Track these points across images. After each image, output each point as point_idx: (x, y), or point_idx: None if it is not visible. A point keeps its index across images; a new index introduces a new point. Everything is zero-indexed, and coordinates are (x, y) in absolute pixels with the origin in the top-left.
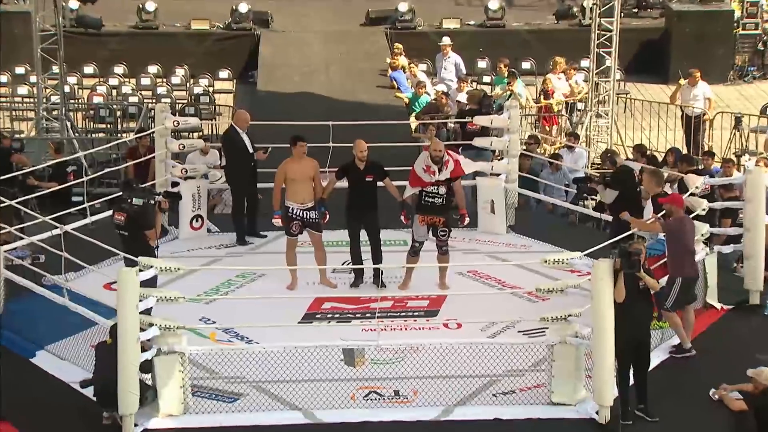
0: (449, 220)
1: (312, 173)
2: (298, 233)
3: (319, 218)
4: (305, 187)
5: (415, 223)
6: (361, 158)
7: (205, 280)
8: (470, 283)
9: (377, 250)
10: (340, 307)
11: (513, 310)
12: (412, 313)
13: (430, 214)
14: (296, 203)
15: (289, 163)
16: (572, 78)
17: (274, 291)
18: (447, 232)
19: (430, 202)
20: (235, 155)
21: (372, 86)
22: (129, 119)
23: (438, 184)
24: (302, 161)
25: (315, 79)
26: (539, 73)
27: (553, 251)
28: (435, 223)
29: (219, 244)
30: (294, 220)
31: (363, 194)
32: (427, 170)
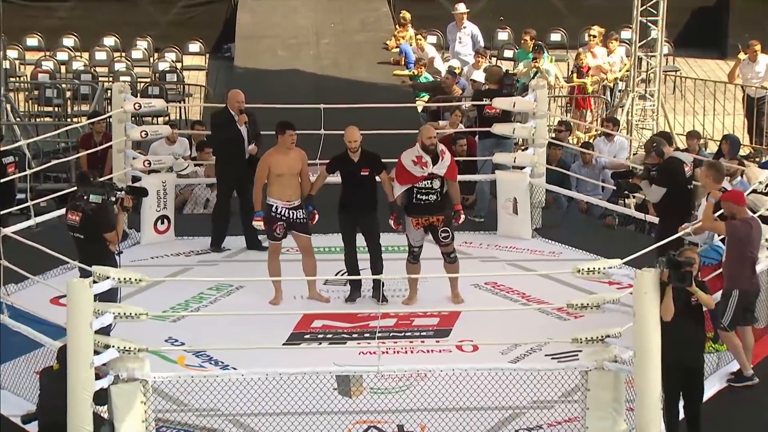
0: (449, 218)
1: (300, 167)
2: (283, 236)
3: (307, 218)
4: (292, 183)
5: (409, 227)
6: (353, 149)
7: (173, 293)
8: (488, 297)
9: (377, 257)
10: (333, 326)
11: (539, 330)
12: (419, 332)
13: (425, 215)
14: (281, 201)
15: (274, 154)
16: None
17: (255, 306)
18: (449, 234)
19: (424, 201)
20: (227, 145)
21: (371, 62)
22: (81, 101)
23: (432, 178)
24: (289, 152)
25: (303, 53)
26: (571, 46)
27: (587, 259)
28: (433, 223)
29: (189, 251)
30: (278, 221)
31: (358, 191)
32: (417, 162)
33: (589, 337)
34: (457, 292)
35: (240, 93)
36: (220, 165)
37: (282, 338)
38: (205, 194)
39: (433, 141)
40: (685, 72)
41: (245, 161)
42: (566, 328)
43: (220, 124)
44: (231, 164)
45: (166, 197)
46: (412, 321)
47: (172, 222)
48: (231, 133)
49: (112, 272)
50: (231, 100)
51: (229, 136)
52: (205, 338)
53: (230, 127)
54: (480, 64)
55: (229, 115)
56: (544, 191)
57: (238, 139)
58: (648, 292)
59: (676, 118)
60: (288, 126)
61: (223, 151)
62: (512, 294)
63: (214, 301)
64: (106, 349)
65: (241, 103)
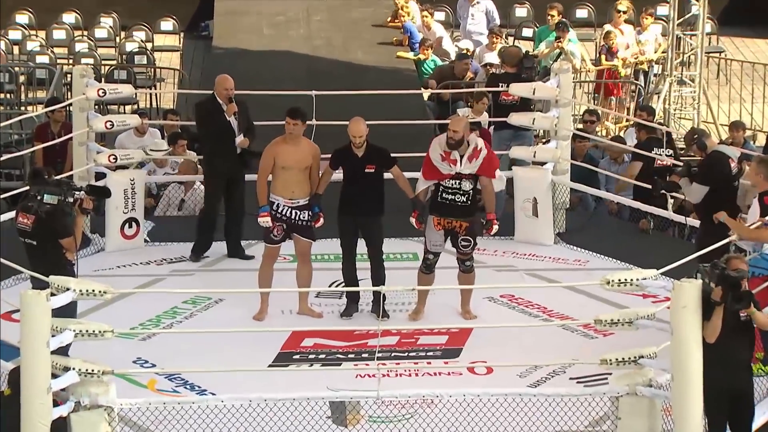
0: (474, 226)
1: (310, 161)
2: (282, 239)
3: (311, 221)
4: (299, 179)
5: (429, 227)
6: (358, 144)
7: (142, 307)
8: (504, 311)
9: (378, 265)
10: (326, 345)
11: (563, 349)
12: (424, 352)
13: (449, 216)
14: (284, 198)
15: (281, 143)
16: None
17: (237, 322)
18: (471, 243)
19: (449, 200)
20: (214, 138)
21: (371, 42)
22: (37, 87)
23: (460, 177)
24: (299, 144)
25: (292, 32)
26: (599, 24)
27: (618, 268)
28: (455, 228)
29: (161, 259)
30: (278, 222)
31: (362, 190)
32: (445, 158)
33: (620, 358)
34: (469, 306)
35: (228, 79)
36: (207, 161)
37: (268, 359)
38: (179, 194)
39: (458, 134)
40: (730, 54)
41: (235, 156)
42: (594, 347)
43: (206, 115)
44: (219, 160)
45: (134, 197)
46: (417, 339)
47: (142, 225)
48: (218, 124)
49: (72, 283)
50: (218, 87)
51: (215, 128)
52: (180, 359)
53: (217, 117)
54: (495, 44)
55: (216, 105)
56: (569, 190)
57: (226, 131)
58: (688, 306)
59: (720, 106)
60: (289, 113)
61: (210, 144)
62: (532, 308)
63: (189, 316)
64: (66, 371)
65: (230, 91)
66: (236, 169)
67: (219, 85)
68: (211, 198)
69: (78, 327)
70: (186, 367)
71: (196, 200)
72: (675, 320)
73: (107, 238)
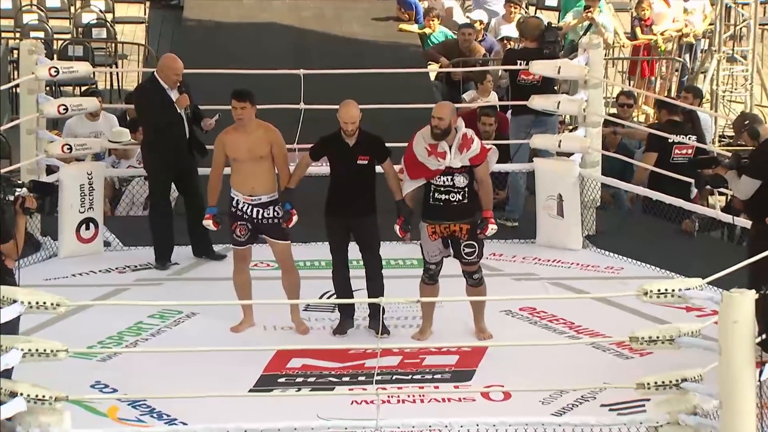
0: (476, 227)
1: (265, 149)
2: (246, 241)
3: (282, 218)
4: (255, 171)
5: (423, 235)
6: (349, 131)
7: (102, 322)
8: (524, 327)
9: (376, 274)
10: (316, 366)
11: (593, 371)
12: (431, 375)
13: (444, 220)
14: (243, 195)
15: (230, 132)
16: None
17: (212, 340)
18: (476, 249)
19: (443, 201)
20: (156, 125)
21: (367, 13)
22: None
23: (452, 173)
24: (252, 131)
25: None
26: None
27: (657, 277)
28: (454, 234)
29: (124, 266)
30: (239, 220)
31: (353, 185)
32: (431, 151)
33: (659, 382)
34: (483, 324)
35: (178, 60)
36: (151, 153)
37: (248, 383)
38: (144, 190)
39: (444, 122)
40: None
41: (184, 147)
42: (629, 369)
43: (149, 103)
44: (164, 152)
45: (92, 194)
46: (423, 360)
47: (101, 227)
48: (166, 114)
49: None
50: (165, 70)
51: (162, 119)
52: (145, 383)
53: (163, 105)
54: (513, 15)
55: (159, 90)
56: (599, 186)
57: (175, 121)
58: (739, 321)
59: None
60: (235, 94)
61: (154, 135)
62: (556, 323)
63: (157, 332)
64: (12, 397)
65: (179, 76)
66: (186, 163)
67: (166, 67)
68: (157, 197)
69: (27, 346)
70: (152, 393)
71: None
72: (724, 338)
73: (60, 241)
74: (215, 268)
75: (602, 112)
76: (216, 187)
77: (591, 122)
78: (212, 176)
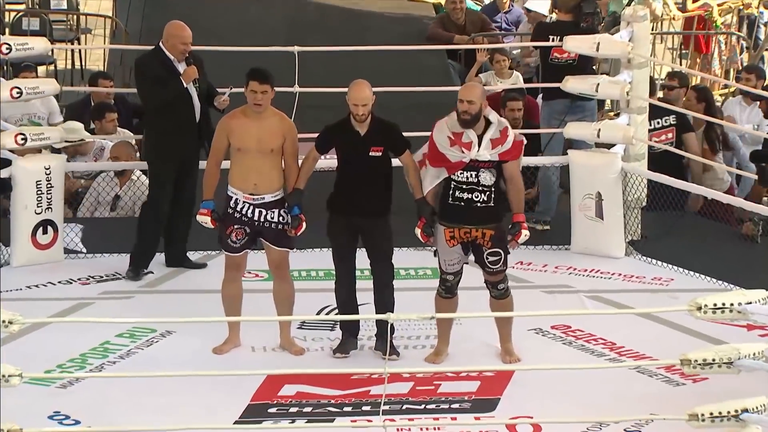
0: (503, 233)
1: (278, 142)
2: (244, 246)
3: (290, 225)
4: (262, 166)
5: (440, 240)
6: (360, 116)
7: (62, 343)
8: (557, 347)
9: (385, 285)
10: (313, 394)
11: (637, 400)
12: (448, 404)
13: (465, 224)
14: (244, 193)
15: (239, 117)
16: None
17: (191, 363)
18: (501, 257)
19: (464, 201)
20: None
21: None
22: None
23: (477, 167)
24: (265, 118)
25: None
26: None
27: (713, 289)
28: (476, 240)
29: (88, 276)
30: (236, 223)
31: (364, 181)
32: (454, 141)
33: (716, 412)
34: (510, 344)
35: (184, 27)
36: (155, 140)
37: (233, 413)
38: (111, 188)
39: (474, 106)
40: None
41: (193, 133)
42: (680, 397)
43: (153, 76)
44: (172, 138)
45: (50, 192)
46: (438, 386)
47: (61, 230)
48: (172, 89)
49: None
50: (171, 39)
51: (168, 94)
52: (113, 413)
53: (170, 79)
54: None
55: (166, 62)
56: (646, 183)
57: (182, 99)
58: None
59: None
60: (256, 75)
61: (159, 117)
62: (594, 344)
63: (126, 354)
64: None
65: (187, 45)
66: (193, 150)
67: (172, 36)
68: (158, 190)
69: None
70: (121, 426)
71: (135, 196)
72: None
73: (13, 247)
74: (194, 278)
75: (648, 96)
76: (214, 178)
77: (636, 108)
78: (210, 165)
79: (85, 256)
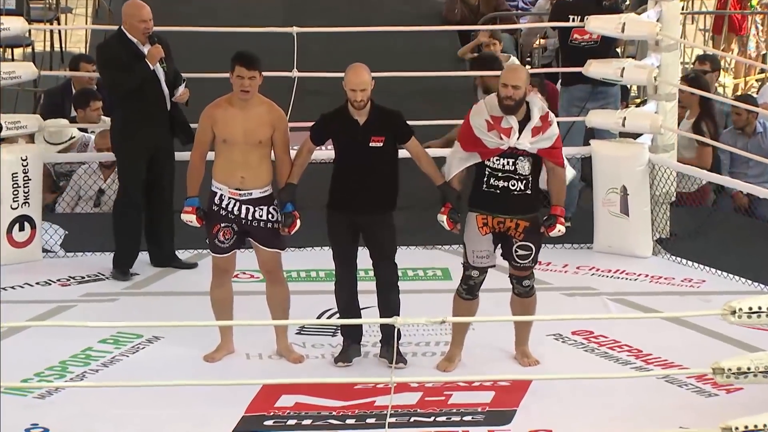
0: (536, 226)
1: (266, 133)
2: (232, 246)
3: (283, 223)
4: (247, 159)
5: (471, 229)
6: (359, 102)
7: (40, 349)
8: (579, 355)
9: (389, 287)
10: (313, 405)
11: (666, 412)
12: (460, 416)
13: (500, 213)
14: (230, 188)
15: (224, 106)
16: None
17: (180, 371)
18: (532, 252)
19: (500, 189)
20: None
21: None
22: None
23: (515, 155)
24: (252, 106)
25: None
26: None
27: (748, 292)
28: (509, 231)
29: (68, 277)
30: (222, 221)
31: (363, 175)
32: (493, 125)
33: (751, 426)
34: (527, 347)
35: (142, 6)
36: (121, 128)
37: (227, 426)
38: (94, 181)
39: (519, 91)
40: None
41: (164, 119)
42: (712, 408)
43: (116, 60)
44: (138, 125)
45: (28, 185)
46: (449, 397)
47: (39, 227)
48: (136, 73)
49: None
50: (129, 19)
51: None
52: (94, 426)
53: (134, 63)
54: None
55: (129, 45)
56: (675, 176)
57: (149, 83)
58: None
59: None
60: (242, 59)
61: (124, 104)
62: (619, 351)
63: (110, 361)
64: None
65: (148, 23)
66: (164, 139)
67: (130, 16)
68: (129, 182)
69: None
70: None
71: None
72: None
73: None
74: (184, 279)
75: (677, 82)
76: (198, 173)
77: (665, 95)
78: (194, 158)
79: (65, 255)
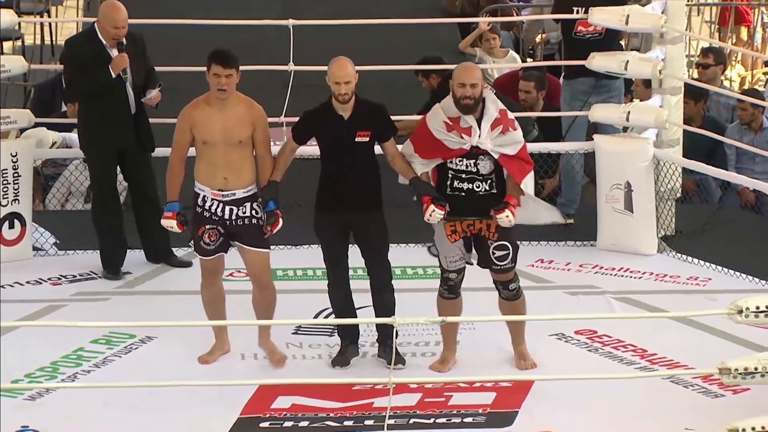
0: None
1: (246, 132)
2: (219, 249)
3: (265, 222)
4: (229, 159)
5: (440, 237)
6: (343, 95)
7: (31, 349)
8: (582, 355)
9: (384, 286)
10: (310, 406)
11: (671, 413)
12: (461, 418)
13: (467, 216)
14: (212, 189)
15: (201, 106)
16: None
17: (174, 371)
18: (509, 251)
19: (465, 191)
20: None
21: None
22: None
23: (476, 153)
24: (231, 105)
25: None
26: None
27: (755, 290)
28: (480, 233)
29: (59, 275)
30: (207, 223)
31: (350, 172)
32: (452, 125)
33: (758, 427)
34: (524, 347)
35: (119, 9)
36: (86, 126)
37: (222, 427)
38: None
39: (477, 89)
40: None
41: (130, 122)
42: (718, 409)
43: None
44: (102, 128)
45: (18, 182)
46: (449, 398)
47: (29, 225)
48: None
49: None
50: (103, 20)
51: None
52: (86, 428)
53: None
54: None
55: (98, 45)
56: (680, 172)
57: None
58: None
59: None
60: (218, 58)
61: (86, 105)
62: (623, 350)
63: (102, 362)
64: None
65: (119, 30)
66: (129, 140)
67: (104, 17)
68: (100, 184)
69: None
70: None
71: None
72: None
73: None
74: (178, 278)
75: (683, 74)
76: (178, 176)
77: (669, 88)
78: (173, 161)
79: (56, 253)
